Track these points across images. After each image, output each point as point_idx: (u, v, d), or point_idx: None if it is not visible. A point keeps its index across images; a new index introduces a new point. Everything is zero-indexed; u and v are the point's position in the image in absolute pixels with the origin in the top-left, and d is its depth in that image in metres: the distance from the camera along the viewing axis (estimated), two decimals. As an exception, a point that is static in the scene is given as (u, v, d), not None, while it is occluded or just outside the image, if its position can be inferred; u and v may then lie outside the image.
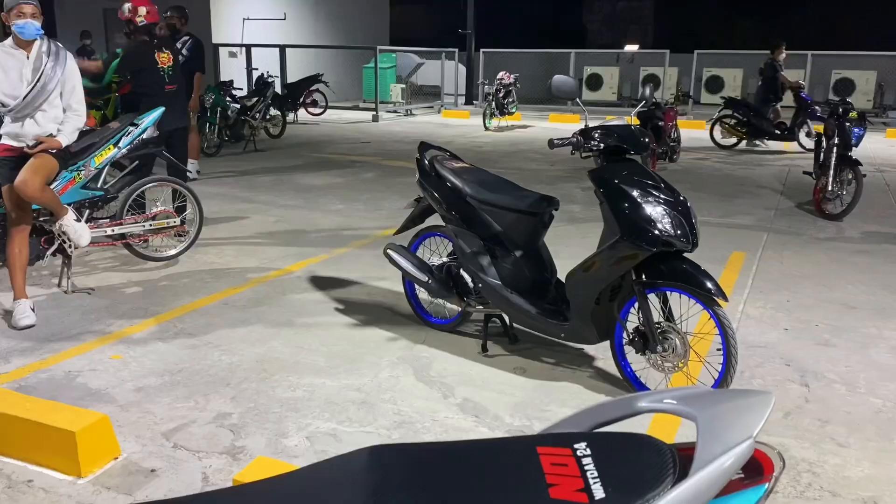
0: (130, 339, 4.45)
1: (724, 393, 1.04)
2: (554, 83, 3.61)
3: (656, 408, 1.06)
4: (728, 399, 1.01)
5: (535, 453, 1.03)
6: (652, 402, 1.07)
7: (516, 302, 4.01)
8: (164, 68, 6.67)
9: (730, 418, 0.96)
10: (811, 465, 3.19)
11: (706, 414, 0.98)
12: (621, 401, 1.10)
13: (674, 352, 3.56)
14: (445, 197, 4.26)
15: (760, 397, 0.99)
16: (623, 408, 1.09)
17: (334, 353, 4.29)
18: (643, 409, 1.07)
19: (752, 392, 1.01)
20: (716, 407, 0.99)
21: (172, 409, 3.59)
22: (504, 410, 3.64)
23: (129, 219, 5.53)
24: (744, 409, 0.96)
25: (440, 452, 1.10)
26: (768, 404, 0.97)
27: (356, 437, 3.35)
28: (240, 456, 3.17)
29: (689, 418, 1.00)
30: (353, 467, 1.14)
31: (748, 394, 1.00)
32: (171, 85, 6.73)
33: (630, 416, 1.09)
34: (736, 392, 1.03)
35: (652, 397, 1.08)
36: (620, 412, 1.09)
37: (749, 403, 0.97)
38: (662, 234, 3.42)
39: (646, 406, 1.07)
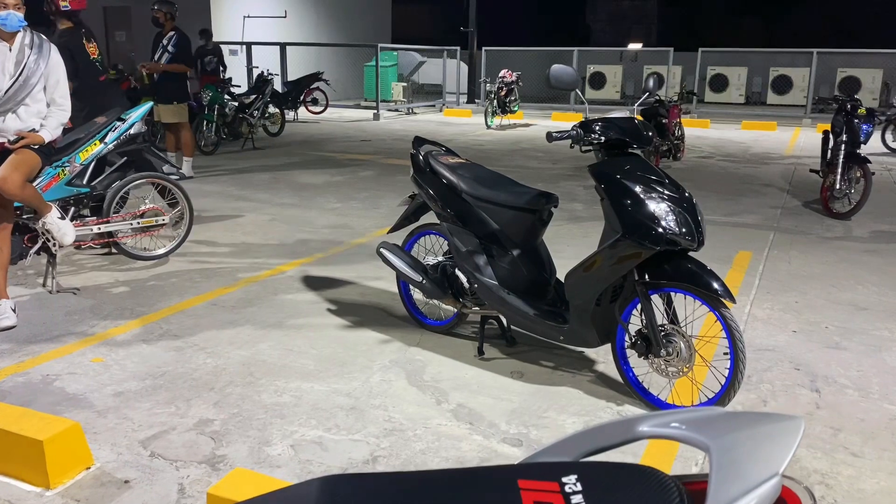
0: (113, 340, 4.29)
1: (743, 417, 0.87)
2: (552, 73, 3.43)
3: (661, 433, 0.89)
4: (748, 425, 0.84)
5: (516, 487, 0.86)
6: (655, 427, 0.90)
7: (513, 303, 3.84)
8: (95, 58, 6.51)
9: (751, 449, 0.79)
10: (823, 477, 3.01)
11: (722, 443, 0.81)
12: (619, 423, 0.93)
13: (678, 356, 3.38)
14: (440, 193, 4.09)
15: (787, 423, 0.82)
16: (621, 432, 0.92)
17: (324, 356, 4.12)
18: (645, 435, 0.90)
19: (777, 417, 0.84)
20: (733, 434, 0.82)
21: (152, 415, 3.42)
22: (500, 417, 3.47)
23: (117, 216, 5.36)
24: (767, 437, 0.79)
25: (403, 484, 0.93)
26: (797, 433, 0.80)
27: (343, 446, 3.18)
28: (219, 466, 3.00)
29: (700, 448, 0.83)
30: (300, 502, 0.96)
31: (772, 419, 0.83)
32: (103, 75, 6.59)
33: (629, 441, 0.92)
34: (757, 416, 0.86)
35: (655, 420, 0.91)
36: (618, 437, 0.92)
37: (773, 431, 0.80)
38: (666, 231, 3.24)
39: (648, 431, 0.90)
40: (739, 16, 44.06)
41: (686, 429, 0.86)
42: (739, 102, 22.85)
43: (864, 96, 19.42)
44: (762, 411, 0.94)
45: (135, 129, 5.28)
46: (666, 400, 3.53)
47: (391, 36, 27.91)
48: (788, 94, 22.06)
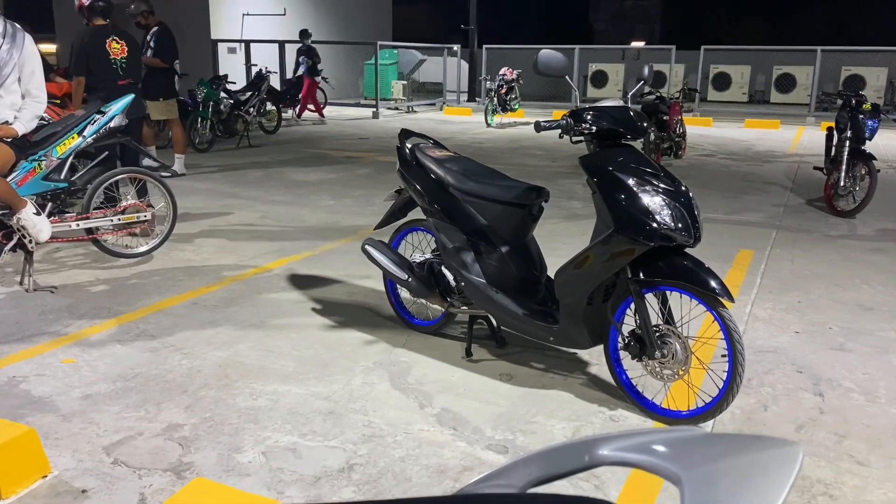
0: (87, 341, 4.12)
1: (728, 441, 0.69)
2: (540, 59, 3.24)
3: (623, 459, 0.71)
4: (733, 452, 0.66)
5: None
6: (618, 451, 0.72)
7: (501, 302, 3.66)
8: (116, 60, 6.36)
9: (734, 484, 0.61)
10: (827, 487, 2.83)
11: (697, 475, 0.63)
12: (575, 446, 0.75)
13: (673, 358, 3.19)
14: (426, 188, 3.92)
15: (781, 452, 0.64)
16: (576, 457, 0.74)
17: (305, 358, 3.94)
18: (605, 460, 0.72)
19: (770, 442, 0.66)
20: (713, 464, 0.64)
21: (119, 419, 3.25)
22: (485, 422, 3.29)
23: (97, 213, 5.19)
24: (756, 469, 0.62)
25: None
26: (794, 464, 0.62)
27: (318, 453, 3.00)
28: (185, 474, 2.83)
29: (670, 479, 0.66)
30: None
31: (764, 444, 0.66)
32: (125, 79, 6.43)
33: (587, 468, 0.74)
34: (746, 441, 0.68)
35: (619, 442, 0.73)
36: (573, 463, 0.74)
37: (764, 461, 0.63)
38: (661, 226, 3.06)
39: (609, 456, 0.72)
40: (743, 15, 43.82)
41: (654, 455, 0.69)
42: (742, 101, 22.64)
43: (868, 95, 19.20)
44: (754, 433, 0.77)
45: (115, 123, 5.10)
46: (661, 404, 3.34)
47: (392, 36, 27.72)
48: (792, 92, 21.85)
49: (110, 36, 6.45)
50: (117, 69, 6.45)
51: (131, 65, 6.54)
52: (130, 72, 6.56)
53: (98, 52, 6.38)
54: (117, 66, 6.45)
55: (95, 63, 6.39)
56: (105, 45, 6.38)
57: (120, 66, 6.46)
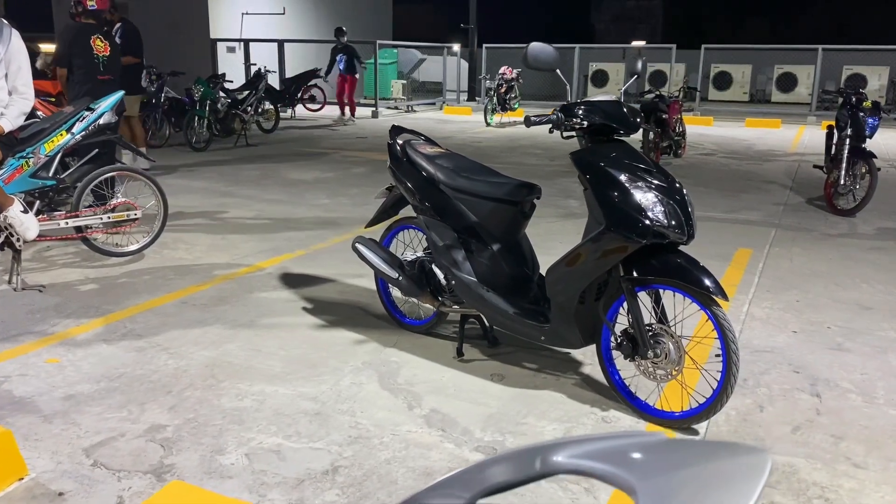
0: (73, 340, 4.06)
1: (691, 448, 0.62)
2: (530, 52, 3.17)
3: (578, 467, 0.65)
4: (695, 460, 0.59)
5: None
6: (573, 458, 0.66)
7: (492, 301, 3.59)
8: (99, 56, 6.42)
9: (693, 496, 0.55)
10: (823, 490, 2.76)
11: (654, 486, 0.57)
12: (529, 453, 0.69)
13: (666, 358, 3.13)
14: (417, 185, 3.85)
15: (747, 460, 0.57)
16: (530, 464, 0.68)
17: (293, 358, 3.88)
18: (560, 468, 0.66)
19: (736, 449, 0.60)
20: (672, 474, 0.58)
21: (101, 420, 3.19)
22: (475, 423, 3.22)
23: (86, 211, 5.13)
24: (718, 480, 0.55)
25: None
26: (761, 474, 0.56)
27: (302, 455, 2.94)
28: (166, 476, 2.76)
29: (624, 490, 0.59)
30: None
31: (730, 452, 0.59)
32: (105, 75, 6.48)
33: (541, 477, 0.67)
34: (711, 448, 0.62)
35: (576, 448, 0.66)
36: (526, 471, 0.68)
37: (728, 471, 0.56)
38: (654, 223, 2.99)
39: (564, 463, 0.66)
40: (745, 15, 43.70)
41: (610, 462, 0.62)
42: (743, 100, 22.56)
43: (870, 94, 19.10)
44: (723, 440, 0.71)
45: (104, 120, 5.04)
46: (654, 405, 3.28)
47: (392, 33, 27.65)
48: (793, 91, 21.77)
49: (96, 34, 6.49)
50: (99, 64, 6.50)
51: (112, 62, 6.61)
52: (111, 69, 6.61)
53: (82, 47, 6.44)
54: (99, 62, 6.50)
55: (79, 57, 6.46)
56: (90, 41, 6.43)
57: (102, 62, 6.52)
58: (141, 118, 11.68)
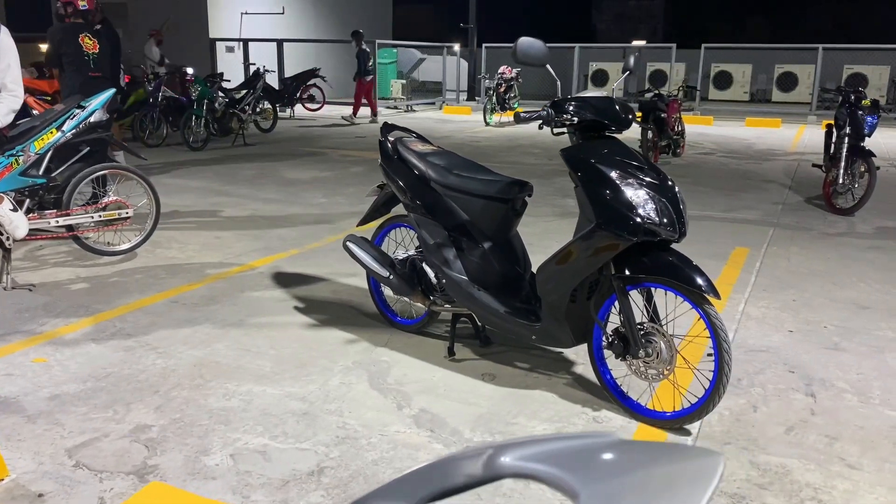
0: (61, 339, 4.02)
1: (642, 450, 0.58)
2: (519, 47, 3.12)
3: (523, 470, 0.60)
4: (645, 463, 0.55)
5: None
6: (519, 461, 0.61)
7: (483, 299, 3.55)
8: (88, 54, 6.41)
9: (638, 501, 0.51)
10: (816, 492, 2.71)
11: (598, 490, 0.53)
12: (475, 455, 0.64)
13: (658, 357, 3.08)
14: (408, 182, 3.81)
15: (698, 464, 0.53)
16: (476, 467, 0.64)
17: (283, 357, 3.83)
18: (505, 471, 0.61)
19: (688, 452, 0.56)
20: (619, 479, 0.54)
21: (86, 420, 3.15)
22: (465, 423, 3.18)
23: (77, 209, 5.09)
24: (666, 484, 0.51)
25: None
26: (712, 478, 0.52)
27: (288, 455, 2.90)
28: (148, 477, 2.72)
29: (568, 495, 0.55)
30: None
31: (682, 455, 0.55)
32: (96, 72, 6.48)
33: (488, 480, 0.63)
34: (663, 449, 0.57)
35: (523, 450, 0.62)
36: (472, 475, 0.64)
37: (677, 474, 0.52)
38: (645, 221, 2.95)
39: (509, 466, 0.62)
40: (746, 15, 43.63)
41: (557, 465, 0.58)
42: (744, 100, 22.51)
43: (871, 94, 19.06)
44: (678, 443, 0.66)
45: (95, 118, 5.01)
46: (646, 405, 3.23)
47: (392, 33, 27.61)
48: (794, 91, 21.72)
49: (84, 32, 6.48)
50: (89, 61, 6.50)
51: (101, 60, 6.60)
52: (101, 66, 6.60)
53: (71, 46, 6.44)
54: (89, 59, 6.49)
55: (69, 56, 6.46)
56: (78, 39, 6.42)
57: (92, 60, 6.51)
58: (138, 118, 11.69)
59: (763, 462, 2.90)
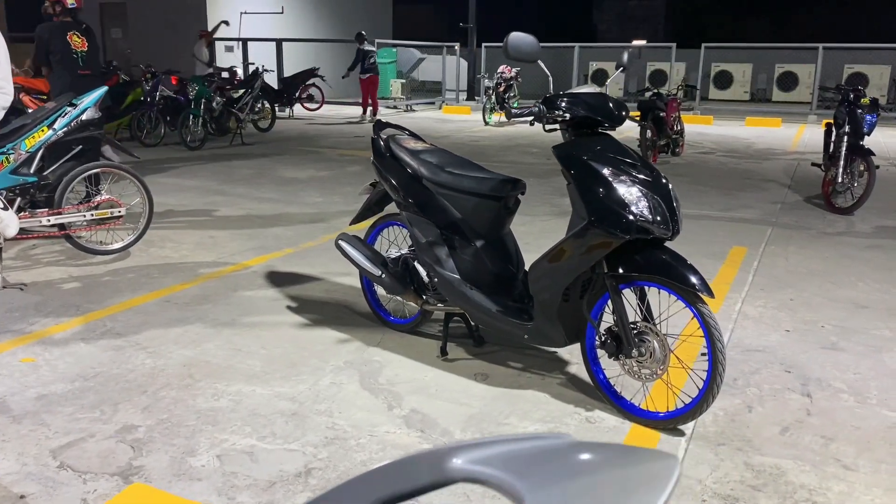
0: (51, 339, 3.98)
1: (596, 452, 0.54)
2: (510, 42, 3.08)
3: (471, 474, 0.57)
4: (597, 467, 0.51)
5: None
6: (470, 464, 0.58)
7: (475, 298, 3.51)
8: (77, 52, 6.38)
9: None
10: (811, 493, 2.67)
11: (542, 497, 0.49)
12: (424, 458, 0.61)
13: (651, 356, 3.04)
14: (400, 180, 3.77)
15: (654, 467, 0.49)
16: (426, 470, 0.60)
17: (274, 357, 3.80)
18: (454, 475, 0.58)
19: (645, 454, 0.52)
20: (566, 484, 0.50)
21: (72, 420, 3.11)
22: (455, 424, 3.14)
23: (70, 208, 5.05)
24: (617, 489, 0.47)
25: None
26: (666, 483, 0.48)
27: (276, 456, 2.86)
28: (133, 478, 2.68)
29: (513, 500, 0.51)
30: None
31: (638, 458, 0.51)
32: (86, 70, 6.45)
33: (439, 485, 0.59)
34: (618, 452, 0.53)
35: (473, 453, 0.58)
36: (422, 478, 0.60)
37: (628, 479, 0.48)
38: (637, 218, 2.91)
39: (459, 469, 0.58)
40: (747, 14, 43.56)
41: (504, 469, 0.54)
42: (744, 99, 22.46)
43: (871, 93, 19.00)
44: (634, 446, 0.63)
45: (87, 116, 4.97)
46: (640, 405, 3.19)
47: (392, 33, 27.57)
48: (794, 90, 21.67)
49: (72, 30, 6.44)
50: (78, 59, 6.46)
51: (90, 57, 6.56)
52: (90, 64, 6.56)
53: (59, 44, 6.40)
54: (78, 57, 6.46)
55: (57, 54, 6.42)
56: (66, 36, 6.38)
57: (80, 58, 6.47)
58: (136, 117, 11.66)
59: (757, 463, 2.86)
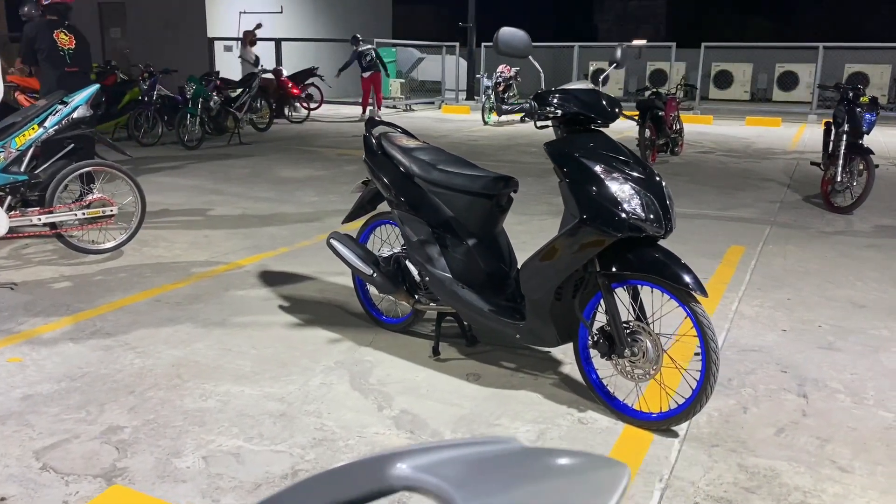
0: (39, 339, 3.94)
1: (542, 459, 0.50)
2: (501, 37, 3.03)
3: (412, 483, 0.52)
4: (540, 476, 0.47)
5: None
6: (413, 471, 0.53)
7: (467, 297, 3.46)
8: (64, 49, 6.35)
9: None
10: (805, 495, 2.63)
11: None
12: (365, 465, 0.56)
13: (644, 356, 2.99)
14: (391, 178, 3.72)
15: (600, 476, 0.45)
16: (369, 477, 0.55)
17: (264, 357, 3.75)
18: (396, 483, 0.54)
19: (592, 462, 0.48)
20: (505, 494, 0.46)
21: (57, 421, 3.07)
22: (446, 425, 3.10)
23: (61, 207, 5.01)
24: (557, 500, 0.43)
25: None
26: (611, 492, 0.43)
27: (262, 458, 2.82)
28: (116, 480, 2.64)
29: (449, 512, 0.47)
30: None
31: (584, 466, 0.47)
32: (73, 67, 6.40)
33: (381, 494, 0.55)
34: (564, 459, 0.49)
35: (418, 459, 0.54)
36: (360, 487, 0.55)
37: (574, 489, 0.44)
38: (630, 216, 2.86)
39: (400, 477, 0.54)
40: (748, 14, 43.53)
41: (445, 478, 0.50)
42: (744, 99, 22.41)
43: (872, 93, 18.95)
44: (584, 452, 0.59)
45: (79, 114, 4.93)
46: (633, 406, 3.14)
47: (392, 32, 27.54)
48: (794, 90, 21.62)
49: (59, 28, 6.40)
50: (65, 57, 6.42)
51: (79, 55, 6.51)
52: (78, 61, 6.52)
53: (46, 41, 6.37)
54: (65, 55, 6.41)
55: (44, 52, 6.39)
56: (53, 34, 6.34)
57: (68, 55, 6.43)
58: (133, 116, 11.62)
59: (751, 465, 2.81)
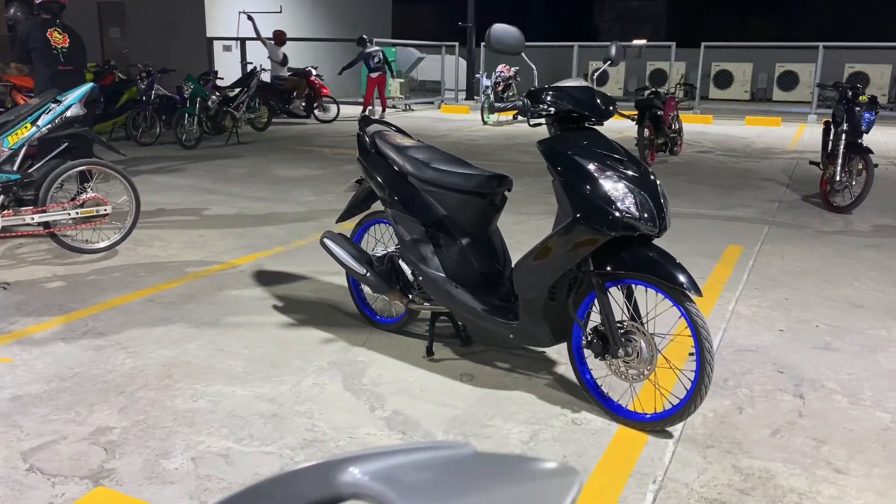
0: (30, 339, 3.91)
1: (491, 465, 0.47)
2: (493, 34, 3.00)
3: (362, 490, 0.49)
4: (489, 483, 0.44)
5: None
6: (363, 477, 0.51)
7: (460, 297, 3.43)
8: (57, 48, 6.33)
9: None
10: (801, 497, 2.60)
11: None
12: (320, 469, 0.53)
13: (638, 356, 2.96)
14: (385, 177, 3.69)
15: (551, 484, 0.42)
16: (320, 483, 0.52)
17: (256, 357, 3.72)
18: (346, 490, 0.51)
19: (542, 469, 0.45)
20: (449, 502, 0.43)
21: (46, 422, 3.04)
22: (438, 426, 3.07)
23: (54, 206, 4.98)
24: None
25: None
26: (563, 498, 0.41)
27: (252, 459, 2.79)
28: (104, 481, 2.61)
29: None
30: None
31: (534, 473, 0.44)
32: (67, 66, 6.39)
33: (335, 501, 0.52)
34: (514, 466, 0.46)
35: (369, 465, 0.51)
36: (311, 493, 0.52)
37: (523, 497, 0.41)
38: (624, 215, 2.83)
39: (350, 484, 0.51)
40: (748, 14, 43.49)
41: (389, 483, 0.47)
42: (744, 99, 22.38)
43: (872, 93, 18.92)
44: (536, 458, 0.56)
45: (72, 112, 4.90)
46: (627, 406, 3.11)
47: (391, 32, 27.51)
48: (794, 90, 21.59)
49: (52, 27, 6.38)
50: (58, 55, 6.41)
51: (72, 53, 6.50)
52: (72, 59, 6.50)
53: (40, 40, 6.36)
54: (58, 53, 6.40)
55: (37, 51, 6.38)
56: (46, 33, 6.33)
57: (61, 53, 6.42)
58: (131, 116, 11.60)
59: (746, 466, 2.78)
